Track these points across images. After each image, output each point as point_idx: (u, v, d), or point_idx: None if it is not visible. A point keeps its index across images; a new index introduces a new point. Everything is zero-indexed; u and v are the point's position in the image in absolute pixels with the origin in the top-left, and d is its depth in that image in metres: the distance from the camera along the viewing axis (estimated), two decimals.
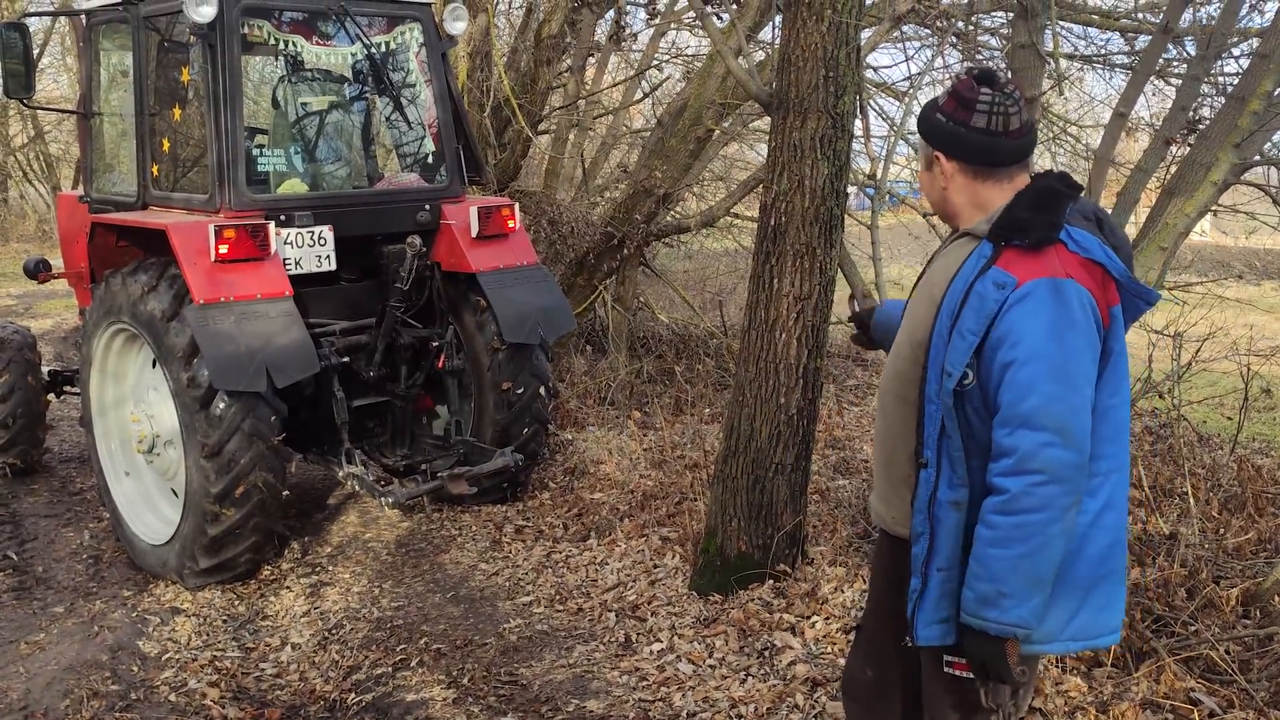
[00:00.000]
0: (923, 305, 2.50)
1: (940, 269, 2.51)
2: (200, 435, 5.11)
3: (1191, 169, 4.41)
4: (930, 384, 2.38)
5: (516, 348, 6.09)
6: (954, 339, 2.32)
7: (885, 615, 2.75)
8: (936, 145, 2.48)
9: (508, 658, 4.71)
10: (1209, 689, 3.61)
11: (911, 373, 2.49)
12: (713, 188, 12.49)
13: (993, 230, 2.36)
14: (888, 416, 2.58)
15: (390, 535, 6.20)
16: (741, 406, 4.85)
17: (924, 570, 2.39)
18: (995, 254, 2.33)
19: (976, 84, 2.41)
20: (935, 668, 2.52)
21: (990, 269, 2.31)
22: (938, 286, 2.45)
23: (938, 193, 2.54)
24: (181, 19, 5.35)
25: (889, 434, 2.58)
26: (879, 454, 2.67)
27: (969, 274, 2.35)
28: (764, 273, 4.73)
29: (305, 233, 5.61)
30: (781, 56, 4.60)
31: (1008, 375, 2.24)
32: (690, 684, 4.31)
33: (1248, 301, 8.15)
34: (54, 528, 6.35)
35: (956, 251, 2.49)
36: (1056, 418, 2.20)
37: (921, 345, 2.45)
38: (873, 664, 2.78)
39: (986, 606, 2.27)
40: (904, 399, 2.51)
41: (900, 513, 2.55)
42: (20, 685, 4.56)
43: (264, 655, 4.87)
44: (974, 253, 2.39)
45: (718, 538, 4.98)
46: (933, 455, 2.37)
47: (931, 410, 2.38)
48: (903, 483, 2.53)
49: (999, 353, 2.26)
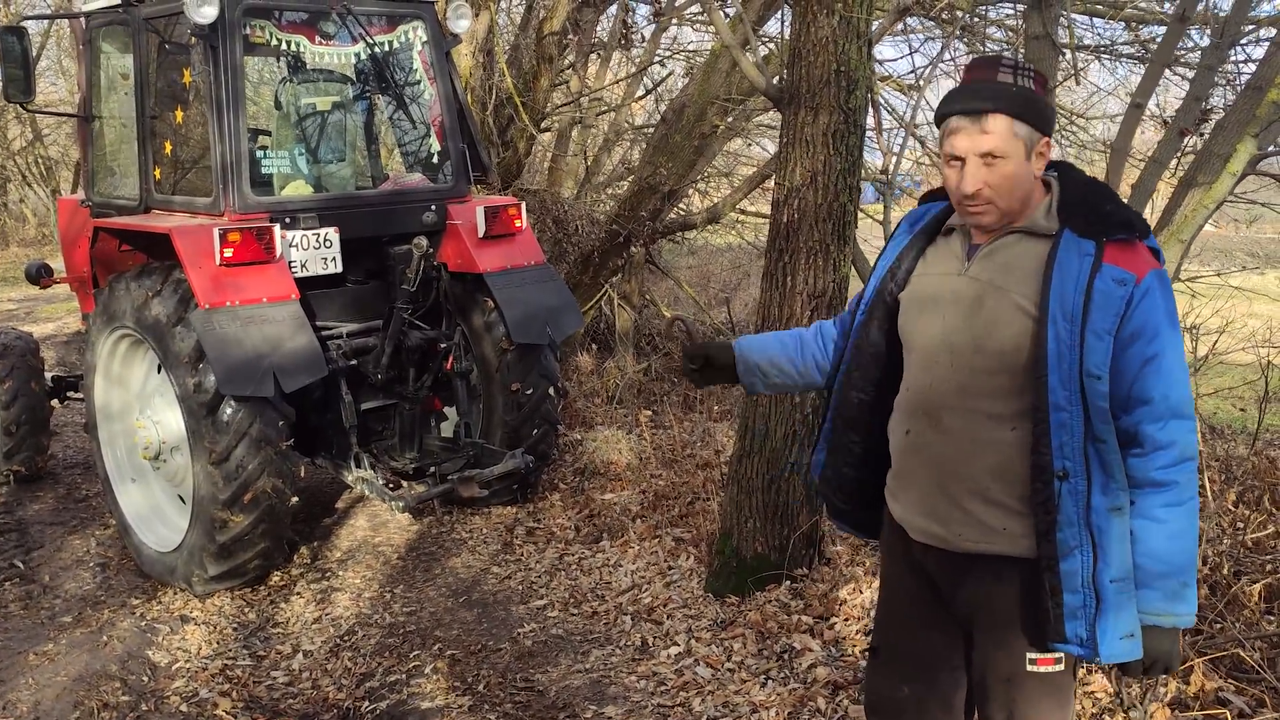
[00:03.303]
0: (1000, 310, 2.35)
1: (999, 270, 2.38)
2: (207, 441, 5.05)
3: (1209, 160, 4.34)
4: (1055, 391, 2.27)
5: (525, 348, 6.03)
6: (1089, 340, 2.24)
7: (921, 630, 2.65)
8: (1049, 129, 2.36)
9: (523, 663, 4.65)
10: (1238, 688, 3.55)
11: (990, 383, 2.37)
12: (716, 184, 12.45)
13: (1092, 227, 2.30)
14: (948, 433, 2.43)
15: (400, 539, 6.15)
16: (756, 406, 4.79)
17: (1093, 584, 2.29)
18: (1100, 250, 2.28)
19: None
20: (1017, 670, 2.44)
21: (1103, 266, 2.26)
22: (1018, 291, 2.33)
23: (1026, 186, 2.36)
24: (183, 20, 5.30)
25: (949, 450, 2.44)
26: (927, 473, 2.49)
27: (1076, 273, 2.27)
28: (777, 270, 4.67)
29: (310, 235, 5.55)
30: (792, 50, 4.53)
31: (1150, 368, 2.25)
32: (709, 688, 4.25)
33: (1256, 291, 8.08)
34: (60, 535, 6.29)
35: (1018, 250, 2.37)
36: (1190, 404, 2.29)
37: (1013, 353, 2.33)
38: (909, 681, 2.68)
39: (1176, 602, 2.28)
40: (978, 412, 2.39)
41: (969, 529, 2.43)
42: (30, 696, 4.51)
43: (275, 663, 4.82)
44: (1064, 249, 2.30)
45: (733, 539, 4.93)
46: (1076, 464, 2.28)
47: (1063, 418, 2.27)
48: (974, 497, 2.41)
49: (1133, 347, 2.25)
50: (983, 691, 2.52)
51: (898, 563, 2.70)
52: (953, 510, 2.45)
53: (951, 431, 2.43)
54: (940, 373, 2.44)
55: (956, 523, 2.45)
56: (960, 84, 2.39)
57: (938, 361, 2.45)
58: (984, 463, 2.40)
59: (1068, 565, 2.30)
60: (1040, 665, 2.42)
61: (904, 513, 2.59)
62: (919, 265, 2.58)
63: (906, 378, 2.56)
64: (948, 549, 2.49)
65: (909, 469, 2.56)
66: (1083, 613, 2.30)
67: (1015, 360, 2.34)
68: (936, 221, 2.60)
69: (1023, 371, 2.34)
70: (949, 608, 2.57)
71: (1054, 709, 2.47)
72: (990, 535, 2.42)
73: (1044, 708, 2.46)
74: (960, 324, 2.42)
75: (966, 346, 2.40)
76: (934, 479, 2.48)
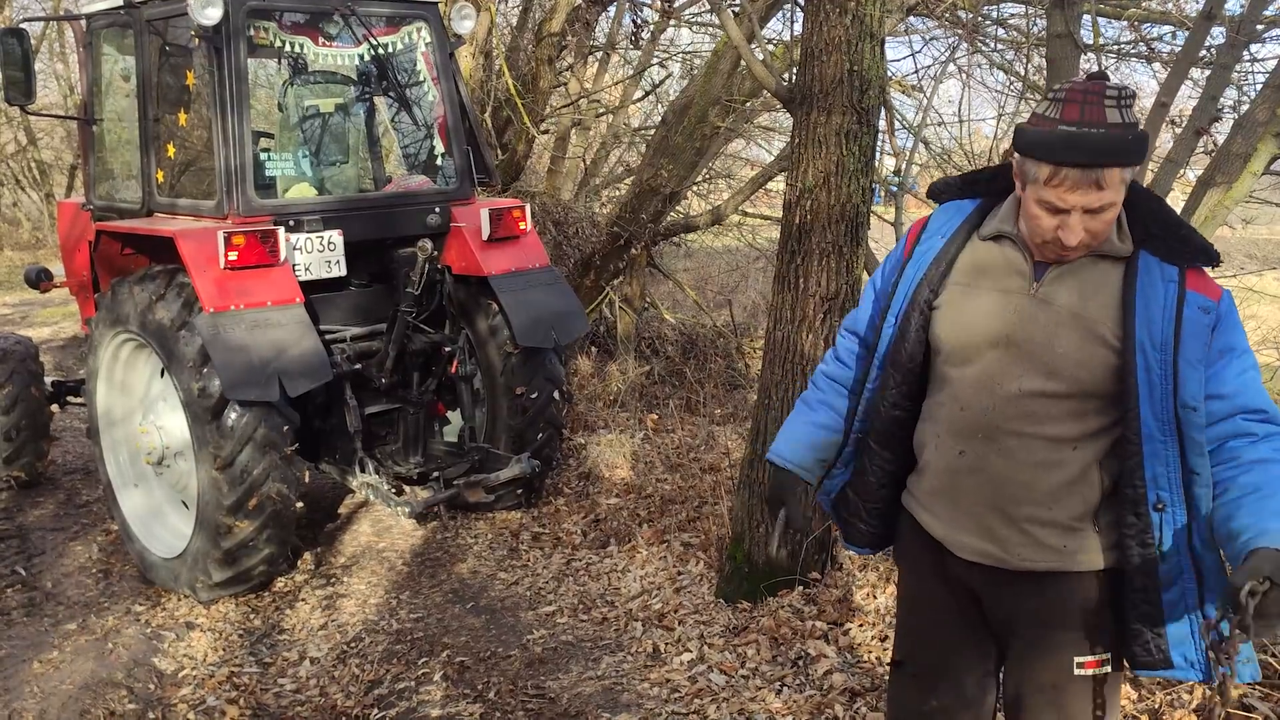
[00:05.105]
0: (1079, 338, 2.27)
1: (1075, 294, 2.29)
2: (212, 447, 4.99)
3: (1227, 160, 4.31)
4: (1148, 423, 2.21)
5: (530, 352, 5.98)
6: (1183, 370, 2.19)
7: (950, 642, 2.59)
8: (1144, 159, 2.28)
9: (533, 670, 4.60)
10: (1264, 694, 3.52)
11: (1059, 409, 2.30)
12: (716, 185, 12.41)
13: (1173, 252, 2.26)
14: (1009, 455, 2.35)
15: (405, 545, 6.10)
16: (767, 410, 4.75)
17: (1201, 611, 2.27)
18: (1183, 277, 2.24)
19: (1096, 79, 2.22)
20: (1062, 677, 2.40)
21: (1188, 294, 2.23)
22: (1098, 317, 2.26)
23: (1114, 218, 2.24)
24: (186, 21, 5.24)
25: (1009, 473, 2.36)
26: (983, 494, 2.40)
27: (1162, 300, 2.22)
28: (789, 272, 4.62)
29: (315, 238, 5.50)
30: (804, 50, 4.49)
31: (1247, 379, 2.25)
32: (724, 695, 4.20)
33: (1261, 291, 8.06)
34: (61, 541, 6.22)
35: (1094, 273, 2.30)
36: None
37: (1090, 382, 2.27)
38: (937, 694, 2.63)
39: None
40: (1042, 435, 2.32)
41: (1027, 549, 2.37)
42: (35, 705, 4.45)
43: (283, 670, 4.76)
44: (1144, 275, 2.25)
45: (745, 544, 4.88)
46: (1173, 495, 2.24)
47: (1157, 449, 2.22)
48: (1033, 518, 2.36)
49: (1221, 362, 2.24)
50: (1022, 699, 2.48)
51: (926, 578, 2.62)
52: (1011, 532, 2.39)
53: (1013, 454, 2.35)
54: (1007, 397, 2.34)
55: (1015, 544, 2.39)
56: (1063, 119, 2.17)
57: (1002, 385, 2.34)
58: (1047, 484, 2.34)
59: (1170, 596, 2.26)
60: (1087, 669, 2.39)
61: (948, 531, 2.49)
62: (958, 272, 2.46)
63: (957, 394, 2.42)
64: (1001, 567, 2.43)
65: (958, 488, 2.45)
66: (1190, 638, 2.27)
67: (1093, 389, 2.28)
68: (969, 224, 2.49)
69: (1098, 399, 2.28)
70: (986, 618, 2.53)
71: (1100, 712, 2.43)
72: (1049, 553, 2.37)
73: (1091, 711, 2.42)
74: (1032, 349, 2.31)
75: (1038, 372, 2.31)
76: (990, 500, 2.40)
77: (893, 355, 2.53)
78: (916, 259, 2.53)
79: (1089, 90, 2.18)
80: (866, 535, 2.74)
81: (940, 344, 2.46)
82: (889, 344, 2.54)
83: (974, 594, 2.53)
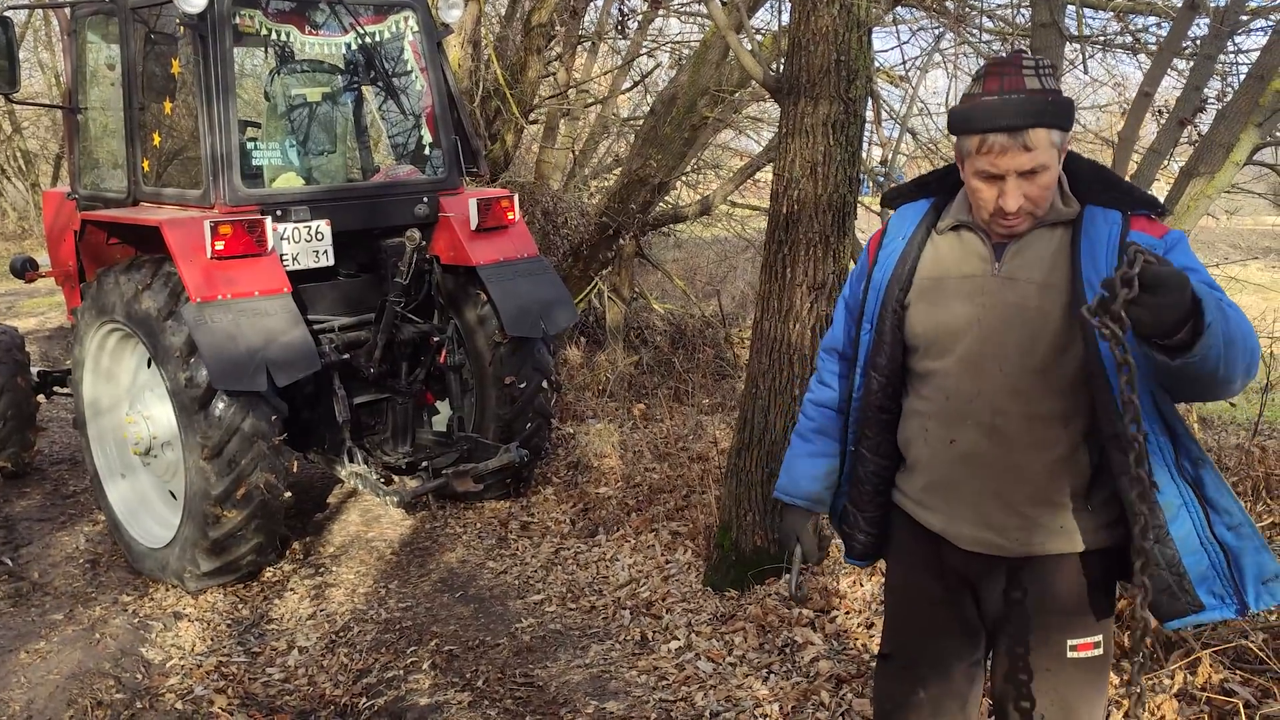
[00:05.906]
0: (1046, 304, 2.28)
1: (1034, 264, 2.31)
2: (199, 436, 4.99)
3: (1210, 149, 4.33)
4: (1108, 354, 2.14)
5: (518, 341, 5.98)
6: None
7: (940, 633, 2.60)
8: (1070, 124, 2.28)
9: (522, 658, 4.62)
10: (1244, 678, 3.55)
11: (1045, 381, 2.31)
12: (705, 175, 12.41)
13: (1115, 200, 2.29)
14: (1005, 439, 2.35)
15: (394, 534, 6.10)
16: (755, 399, 4.77)
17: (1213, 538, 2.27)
18: (1126, 219, 2.27)
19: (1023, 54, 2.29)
20: (1057, 661, 2.43)
21: (1131, 232, 2.25)
22: (1059, 281, 2.27)
23: (1052, 184, 2.29)
24: (171, 10, 5.21)
25: (1007, 456, 2.36)
26: (980, 482, 2.40)
27: (1106, 237, 2.24)
28: (776, 262, 4.64)
29: (302, 227, 5.49)
30: (791, 40, 4.50)
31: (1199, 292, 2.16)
32: (711, 683, 4.23)
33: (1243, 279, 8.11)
34: (48, 532, 6.22)
35: (1047, 240, 2.32)
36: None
37: (1068, 345, 2.27)
38: (926, 685, 2.65)
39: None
40: (1035, 413, 2.33)
41: (1025, 533, 2.38)
42: (23, 695, 4.45)
43: (271, 660, 4.76)
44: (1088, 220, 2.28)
45: (732, 532, 4.90)
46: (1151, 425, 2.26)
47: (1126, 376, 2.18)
48: (1032, 500, 2.37)
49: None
50: (1017, 683, 2.50)
51: (916, 570, 2.62)
52: (1009, 517, 2.39)
53: (1008, 436, 2.36)
54: (991, 379, 2.34)
55: (1014, 529, 2.40)
56: (984, 92, 2.23)
57: (984, 368, 2.35)
58: (1044, 463, 2.35)
59: (1179, 528, 2.26)
60: (1081, 651, 2.42)
61: (947, 524, 2.49)
62: (923, 267, 2.47)
63: (941, 385, 2.43)
64: (999, 555, 2.44)
65: (954, 480, 2.45)
66: (1212, 571, 2.27)
67: (1072, 351, 2.28)
68: (926, 222, 2.52)
69: (1079, 360, 2.28)
70: (979, 608, 2.55)
71: (1094, 693, 2.48)
72: (1046, 536, 2.39)
73: (1086, 692, 2.46)
74: (1006, 326, 2.33)
75: (1017, 348, 2.32)
76: (988, 487, 2.40)
77: (873, 359, 2.55)
78: (881, 264, 2.56)
79: (1006, 62, 2.26)
80: (865, 546, 2.74)
81: (917, 339, 2.47)
82: (868, 350, 2.57)
83: (967, 584, 2.54)
